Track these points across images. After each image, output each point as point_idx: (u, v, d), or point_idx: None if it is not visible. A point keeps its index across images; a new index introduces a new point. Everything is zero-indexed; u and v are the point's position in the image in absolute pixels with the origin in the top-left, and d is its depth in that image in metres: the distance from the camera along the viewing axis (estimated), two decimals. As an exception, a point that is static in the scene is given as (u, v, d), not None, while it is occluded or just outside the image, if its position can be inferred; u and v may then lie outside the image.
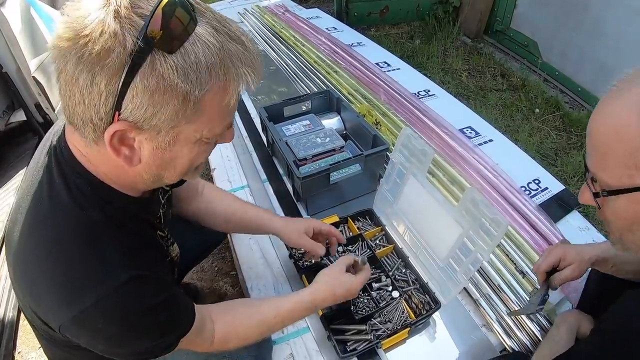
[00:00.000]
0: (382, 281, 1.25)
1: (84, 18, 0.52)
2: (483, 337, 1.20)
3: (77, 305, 0.64)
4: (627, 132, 0.59)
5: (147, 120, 0.57)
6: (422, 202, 1.21)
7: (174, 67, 0.54)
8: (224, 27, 0.59)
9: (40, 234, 0.67)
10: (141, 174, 0.67)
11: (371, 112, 1.94)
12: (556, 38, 3.45)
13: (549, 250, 1.05)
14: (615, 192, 0.64)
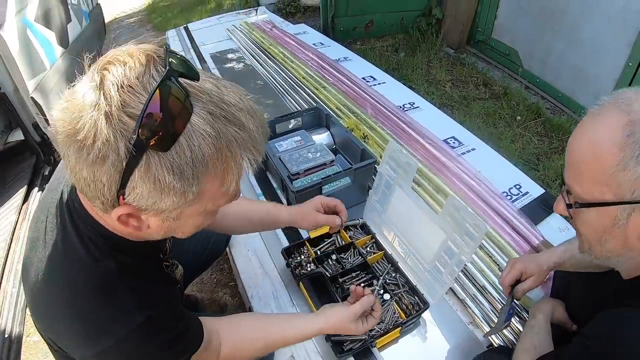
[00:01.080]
0: (374, 285, 1.34)
1: (78, 118, 0.53)
2: (471, 334, 1.28)
3: (97, 346, 0.69)
4: (603, 152, 0.65)
5: (150, 206, 0.59)
6: (409, 210, 1.31)
7: (169, 167, 0.55)
8: (221, 110, 0.58)
9: (57, 283, 0.72)
10: (151, 235, 0.71)
11: (359, 126, 2.04)
12: (536, 46, 3.57)
13: (510, 265, 1.15)
14: (587, 205, 0.70)
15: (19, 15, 2.24)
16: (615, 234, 0.70)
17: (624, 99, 0.65)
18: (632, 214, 0.66)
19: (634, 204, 0.64)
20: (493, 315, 1.30)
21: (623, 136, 0.62)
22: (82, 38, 3.15)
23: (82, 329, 0.70)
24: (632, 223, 0.66)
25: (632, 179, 0.63)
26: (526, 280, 1.12)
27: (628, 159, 0.62)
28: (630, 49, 2.77)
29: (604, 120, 0.66)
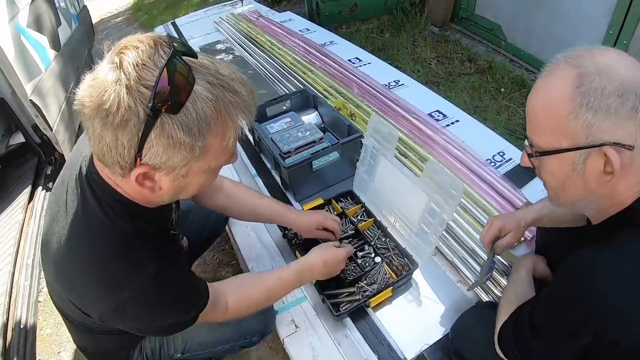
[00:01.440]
0: (365, 250, 1.43)
1: (105, 92, 0.65)
2: (460, 293, 1.36)
3: (116, 297, 0.79)
4: (556, 104, 0.72)
5: (164, 163, 0.71)
6: (393, 177, 1.40)
7: (179, 126, 0.67)
8: (218, 79, 0.70)
9: (79, 245, 0.82)
10: (161, 197, 0.82)
11: (346, 105, 2.13)
12: (519, 19, 3.61)
13: (490, 223, 1.22)
14: (546, 153, 0.76)
15: (11, 22, 2.30)
16: (575, 178, 0.76)
17: (574, 55, 0.73)
18: (587, 159, 0.72)
19: (588, 148, 0.70)
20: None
21: (573, 88, 0.69)
22: (72, 40, 3.20)
23: (101, 284, 0.80)
24: (589, 167, 0.72)
25: (583, 126, 0.69)
26: (505, 236, 1.19)
27: (578, 108, 0.68)
28: (610, 18, 2.82)
29: (556, 76, 0.73)
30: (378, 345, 1.24)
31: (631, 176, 0.73)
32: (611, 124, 0.68)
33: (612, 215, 0.78)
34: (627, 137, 0.68)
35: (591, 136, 0.69)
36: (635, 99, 0.66)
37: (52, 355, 1.94)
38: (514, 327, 0.92)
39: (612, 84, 0.67)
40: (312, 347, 1.25)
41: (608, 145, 0.68)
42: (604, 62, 0.69)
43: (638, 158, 0.70)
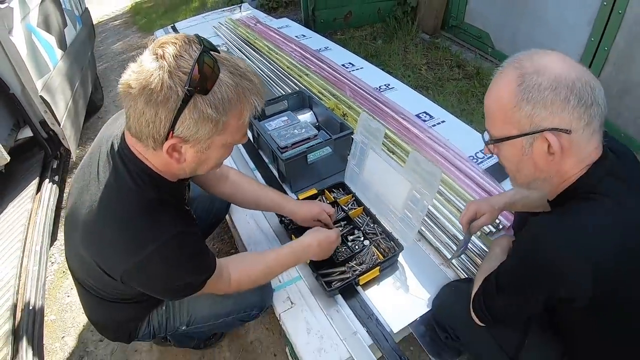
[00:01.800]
0: (355, 234, 1.57)
1: (149, 75, 0.81)
2: (442, 274, 1.49)
3: (141, 253, 0.93)
4: (503, 99, 0.85)
5: (192, 135, 0.87)
6: (380, 169, 1.54)
7: (208, 104, 0.83)
8: (237, 70, 0.87)
9: (110, 207, 0.96)
10: (184, 169, 0.98)
11: (338, 106, 2.27)
12: (505, 28, 3.78)
13: (467, 207, 1.36)
14: (498, 141, 0.90)
15: (23, 22, 2.42)
16: (526, 161, 0.89)
17: (517, 60, 0.86)
18: (533, 143, 0.85)
19: (532, 134, 0.84)
20: (463, 256, 1.52)
21: (516, 86, 0.83)
22: (77, 41, 3.32)
23: (129, 241, 0.94)
24: (535, 149, 0.86)
25: (526, 116, 0.83)
26: (480, 218, 1.33)
27: (520, 101, 0.82)
28: (591, 27, 2.95)
29: (504, 77, 0.86)
30: (367, 320, 1.36)
31: (573, 156, 0.85)
32: (548, 113, 0.81)
33: (562, 191, 0.92)
34: (563, 123, 0.81)
35: (533, 124, 0.83)
36: (567, 91, 0.79)
37: (57, 340, 2.05)
38: (484, 291, 1.05)
39: (547, 80, 0.80)
40: (307, 322, 1.37)
41: (547, 130, 0.82)
42: (541, 63, 0.83)
43: (576, 140, 0.83)
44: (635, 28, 2.65)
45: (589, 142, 0.84)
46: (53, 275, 2.39)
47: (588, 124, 0.81)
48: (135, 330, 1.34)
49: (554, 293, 0.87)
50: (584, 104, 0.80)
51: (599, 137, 0.86)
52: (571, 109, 0.80)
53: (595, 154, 0.87)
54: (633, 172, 0.91)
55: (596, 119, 0.82)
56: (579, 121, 0.81)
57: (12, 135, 2.46)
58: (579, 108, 0.80)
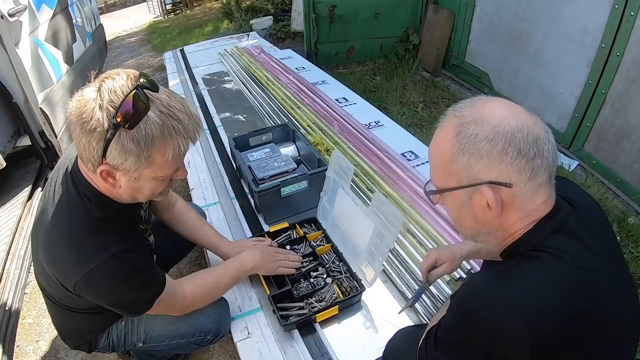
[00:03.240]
0: (319, 270, 1.60)
1: (85, 106, 0.90)
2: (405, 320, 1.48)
3: (85, 267, 1.01)
4: (442, 150, 0.80)
5: (121, 164, 0.95)
6: (348, 207, 1.58)
7: (130, 138, 0.91)
8: (167, 109, 0.94)
9: (61, 226, 1.05)
10: (122, 194, 1.06)
11: (323, 141, 2.33)
12: (505, 68, 3.78)
13: (428, 253, 1.33)
14: (436, 192, 0.86)
15: (31, 36, 2.54)
16: (466, 213, 0.83)
17: (459, 107, 0.81)
18: (472, 196, 0.79)
19: (469, 187, 0.78)
20: (428, 301, 1.52)
21: (453, 136, 0.78)
22: (85, 56, 3.45)
23: (75, 256, 1.03)
24: (474, 203, 0.80)
25: (463, 168, 0.77)
26: (440, 267, 1.31)
27: (457, 152, 0.77)
28: (589, 69, 2.91)
29: (444, 126, 0.81)
30: (320, 357, 1.37)
31: (517, 211, 0.80)
32: (484, 165, 0.76)
33: (508, 246, 0.87)
34: (501, 176, 0.75)
35: (470, 176, 0.78)
36: (504, 143, 0.74)
37: (31, 343, 2.08)
38: (426, 343, 1.04)
39: (484, 131, 0.75)
40: (260, 353, 1.39)
41: (484, 184, 0.76)
42: (481, 111, 0.78)
43: (519, 195, 0.77)
44: (634, 71, 2.62)
45: (533, 196, 0.79)
46: (35, 281, 2.42)
47: (530, 177, 0.76)
48: (95, 341, 1.40)
49: (491, 352, 0.82)
50: (525, 156, 0.74)
51: (547, 191, 0.80)
52: (509, 161, 0.74)
53: (544, 208, 0.81)
54: (589, 226, 0.84)
55: (541, 171, 0.76)
56: (519, 175, 0.75)
57: (11, 142, 2.56)
58: (519, 160, 0.74)
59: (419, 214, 1.88)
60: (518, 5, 3.51)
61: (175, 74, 3.70)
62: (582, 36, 2.95)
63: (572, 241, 0.80)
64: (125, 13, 12.56)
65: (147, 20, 10.45)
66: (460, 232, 0.94)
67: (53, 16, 2.95)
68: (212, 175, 2.27)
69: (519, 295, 0.77)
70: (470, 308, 0.84)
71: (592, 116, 2.95)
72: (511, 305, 0.76)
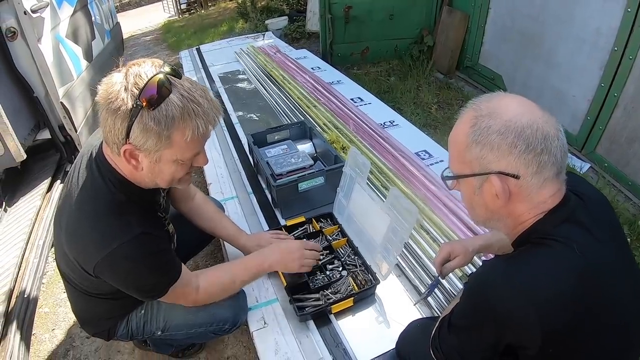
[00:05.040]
0: (335, 264, 1.63)
1: (111, 88, 0.96)
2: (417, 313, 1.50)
3: (108, 248, 1.05)
4: (458, 140, 0.86)
5: (142, 145, 0.99)
6: (364, 202, 1.61)
7: (152, 118, 0.95)
8: (188, 94, 0.98)
9: (85, 208, 1.10)
10: (144, 178, 1.10)
11: (339, 139, 2.36)
12: (518, 70, 3.79)
13: (441, 247, 1.37)
14: (451, 178, 0.92)
15: (53, 32, 2.60)
16: (477, 200, 0.90)
17: (477, 101, 0.87)
18: (483, 184, 0.86)
19: (480, 175, 0.85)
20: (440, 295, 1.55)
21: (468, 127, 0.84)
22: (104, 53, 3.51)
23: (97, 237, 1.07)
24: (484, 191, 0.86)
25: (476, 158, 0.83)
26: (453, 260, 1.34)
27: (471, 142, 0.83)
28: (602, 72, 2.91)
29: (463, 118, 0.88)
30: (334, 348, 1.40)
31: (524, 201, 0.85)
32: (495, 156, 0.81)
33: (518, 235, 0.92)
34: (510, 167, 0.81)
35: (482, 166, 0.84)
36: (514, 137, 0.79)
37: (47, 331, 2.14)
38: (440, 330, 1.06)
39: (497, 124, 0.81)
40: (276, 343, 1.42)
41: (493, 174, 0.82)
42: (496, 106, 0.83)
43: (525, 186, 0.82)
44: (646, 74, 2.60)
45: (540, 189, 0.83)
46: (53, 271, 2.49)
47: (537, 171, 0.81)
48: (114, 328, 1.43)
49: (501, 338, 0.85)
50: (532, 150, 0.79)
51: (555, 185, 0.84)
52: (518, 154, 0.80)
53: (552, 201, 0.85)
54: (598, 218, 0.88)
55: (548, 167, 0.81)
56: (527, 167, 0.80)
57: (31, 135, 2.61)
58: (527, 154, 0.79)
59: (432, 212, 1.90)
60: (531, 7, 3.51)
61: (192, 72, 3.76)
62: (594, 39, 2.95)
63: (580, 231, 0.83)
64: (140, 12, 12.68)
65: (162, 19, 10.54)
66: (473, 217, 0.99)
67: (73, 13, 3.01)
68: (230, 171, 2.31)
69: (528, 282, 0.80)
70: (481, 295, 0.88)
71: (605, 119, 2.94)
72: (521, 292, 0.79)
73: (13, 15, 2.26)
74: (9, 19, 2.25)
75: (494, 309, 0.83)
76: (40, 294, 2.16)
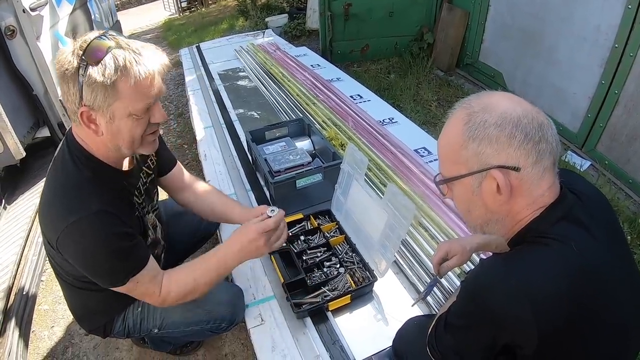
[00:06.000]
0: (332, 261, 1.63)
1: (62, 56, 1.02)
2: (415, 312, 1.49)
3: (66, 221, 1.05)
4: (452, 140, 0.84)
5: (93, 102, 1.01)
6: (362, 199, 1.61)
7: (97, 72, 0.99)
8: (129, 46, 1.03)
9: (52, 183, 1.14)
10: (107, 145, 1.11)
11: (338, 136, 2.36)
12: (518, 68, 3.78)
13: (439, 246, 1.35)
14: (446, 180, 0.88)
15: (52, 30, 2.60)
16: (475, 201, 0.86)
17: (467, 101, 0.85)
18: (482, 182, 0.82)
19: (479, 172, 0.81)
20: (438, 293, 1.54)
21: (463, 124, 0.82)
22: (103, 52, 3.52)
23: (60, 209, 1.09)
24: (484, 189, 0.83)
25: (473, 154, 0.81)
26: (451, 259, 1.33)
27: (467, 140, 0.81)
28: (602, 69, 2.91)
29: (453, 118, 0.86)
30: (331, 345, 1.40)
31: (524, 196, 0.83)
32: (494, 150, 0.79)
33: (515, 234, 0.90)
34: (510, 160, 0.79)
35: (480, 162, 0.81)
36: (512, 127, 0.78)
37: (46, 328, 2.14)
38: (436, 328, 1.05)
39: (492, 117, 0.79)
40: (273, 339, 1.42)
41: (494, 168, 0.80)
42: (488, 101, 0.82)
43: (526, 179, 0.81)
44: (647, 72, 2.59)
45: (540, 180, 0.82)
46: (52, 268, 2.48)
47: (537, 161, 0.79)
48: (110, 325, 1.43)
49: (498, 337, 0.85)
50: (531, 140, 0.78)
51: (552, 176, 0.83)
52: (517, 145, 0.78)
53: (549, 194, 0.84)
54: (596, 217, 0.86)
55: (546, 155, 0.80)
56: (527, 158, 0.79)
57: (30, 133, 2.62)
58: (526, 144, 0.78)
59: (430, 208, 1.90)
60: (532, 5, 3.50)
61: (192, 69, 3.75)
62: (595, 36, 2.94)
63: (578, 229, 0.82)
64: (141, 10, 12.71)
65: (163, 17, 10.54)
66: (469, 224, 0.96)
67: (73, 11, 3.01)
68: (229, 168, 2.31)
69: (525, 281, 0.79)
70: (477, 295, 0.86)
71: (605, 116, 2.94)
72: (518, 291, 0.78)
73: (12, 13, 2.27)
74: (8, 17, 2.25)
75: (491, 308, 0.82)
76: (39, 291, 2.17)
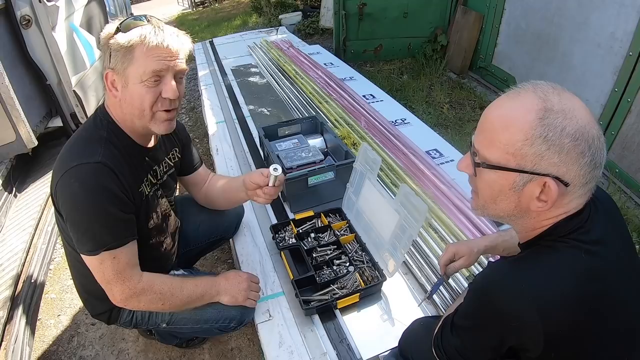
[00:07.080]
0: (342, 259, 1.62)
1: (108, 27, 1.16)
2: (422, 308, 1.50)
3: (66, 167, 1.11)
4: (515, 127, 0.76)
5: (115, 64, 1.13)
6: (374, 198, 1.60)
7: (122, 37, 1.11)
8: (158, 24, 1.15)
9: (72, 139, 1.23)
10: (124, 111, 1.19)
11: (350, 135, 2.35)
12: (531, 72, 3.74)
13: (446, 248, 1.35)
14: (493, 167, 0.80)
15: (67, 21, 2.61)
16: (509, 195, 0.82)
17: (542, 88, 0.78)
18: (528, 183, 0.78)
19: (532, 174, 0.77)
20: (446, 293, 1.53)
21: (536, 118, 0.74)
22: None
23: (66, 158, 1.16)
24: (527, 190, 0.79)
25: (535, 154, 0.75)
26: (457, 261, 1.33)
27: (536, 137, 0.74)
28: (616, 76, 2.88)
29: (521, 101, 0.78)
30: (338, 343, 1.39)
31: (558, 207, 0.80)
32: (559, 160, 0.74)
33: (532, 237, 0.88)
34: (567, 174, 0.75)
35: (538, 165, 0.76)
36: (585, 146, 0.73)
37: (53, 317, 2.15)
38: (442, 329, 1.04)
39: (572, 127, 0.73)
40: (280, 335, 1.42)
41: (551, 177, 0.75)
42: (568, 104, 0.76)
43: (569, 195, 0.78)
44: (660, 81, 2.55)
45: (578, 199, 0.80)
46: (60, 257, 2.51)
47: (587, 183, 0.77)
48: (115, 312, 1.41)
49: (504, 340, 0.84)
50: (593, 164, 0.75)
51: (588, 196, 0.82)
52: (582, 165, 0.75)
53: (578, 206, 0.82)
54: (606, 221, 0.86)
55: (594, 180, 0.78)
56: (582, 178, 0.76)
57: (43, 123, 2.64)
58: (588, 166, 0.75)
59: (441, 210, 1.89)
60: (547, 10, 3.48)
61: (205, 64, 3.76)
62: (609, 43, 2.93)
63: (588, 235, 0.80)
64: (155, 4, 12.75)
65: (176, 12, 10.60)
66: (484, 208, 0.91)
67: (88, 3, 3.03)
68: (240, 163, 2.31)
69: (533, 284, 0.78)
70: (485, 296, 0.86)
71: (617, 124, 2.91)
72: (526, 294, 0.77)
73: (28, 3, 2.28)
74: (24, 6, 2.27)
75: (498, 311, 0.82)
76: (47, 279, 2.18)
